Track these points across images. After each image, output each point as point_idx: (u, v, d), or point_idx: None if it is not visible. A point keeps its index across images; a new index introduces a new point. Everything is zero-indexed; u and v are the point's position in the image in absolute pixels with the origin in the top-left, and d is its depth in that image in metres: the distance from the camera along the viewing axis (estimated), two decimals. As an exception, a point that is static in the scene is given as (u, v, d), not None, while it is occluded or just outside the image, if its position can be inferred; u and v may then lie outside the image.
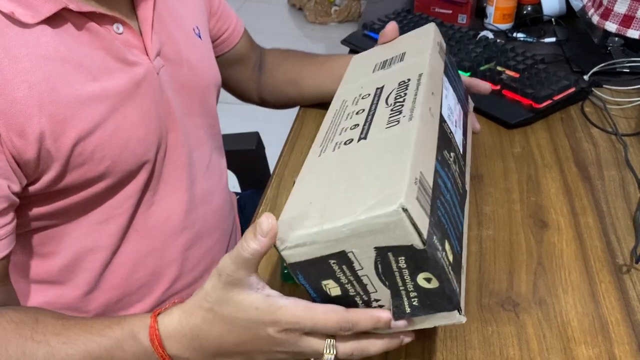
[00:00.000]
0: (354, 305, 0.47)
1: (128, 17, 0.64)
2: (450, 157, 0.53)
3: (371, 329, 0.47)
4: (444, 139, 0.53)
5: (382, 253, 0.43)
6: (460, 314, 0.45)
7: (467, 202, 0.56)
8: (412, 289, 0.45)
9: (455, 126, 0.59)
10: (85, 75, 0.58)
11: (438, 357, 0.55)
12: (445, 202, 0.48)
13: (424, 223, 0.42)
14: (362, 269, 0.44)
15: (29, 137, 0.55)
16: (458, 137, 0.59)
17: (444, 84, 0.60)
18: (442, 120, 0.55)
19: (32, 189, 0.59)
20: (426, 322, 0.47)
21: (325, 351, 0.47)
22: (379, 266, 0.44)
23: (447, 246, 0.45)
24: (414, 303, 0.45)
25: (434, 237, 0.43)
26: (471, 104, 0.74)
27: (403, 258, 0.42)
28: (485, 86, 0.79)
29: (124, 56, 0.62)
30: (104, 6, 0.60)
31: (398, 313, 0.46)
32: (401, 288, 0.45)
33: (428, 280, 0.44)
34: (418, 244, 0.41)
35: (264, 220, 0.44)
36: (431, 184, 0.46)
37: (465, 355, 0.55)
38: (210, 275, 0.48)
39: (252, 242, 0.44)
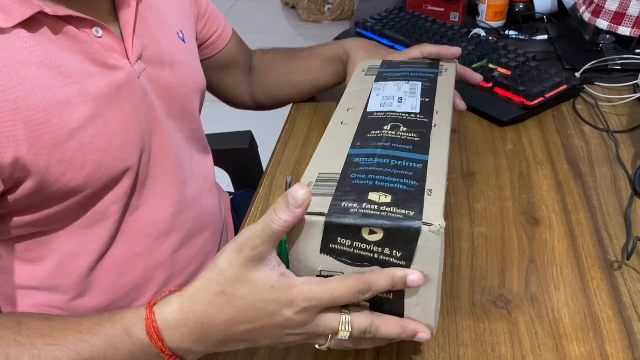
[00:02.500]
0: None
1: (108, 21, 0.63)
2: (384, 130, 0.57)
3: (389, 288, 0.46)
4: (368, 126, 0.58)
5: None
6: (427, 225, 0.44)
7: (444, 135, 0.57)
8: (376, 249, 0.46)
9: (400, 102, 0.63)
10: (63, 79, 0.57)
11: (431, 354, 0.55)
12: (370, 165, 0.51)
13: (321, 206, 0.45)
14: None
15: (2, 141, 0.53)
16: (406, 106, 0.62)
17: (372, 90, 0.66)
18: (367, 115, 0.61)
19: (11, 198, 0.57)
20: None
21: (340, 328, 0.46)
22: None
23: (372, 196, 0.47)
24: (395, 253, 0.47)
25: (342, 204, 0.46)
26: (451, 65, 0.75)
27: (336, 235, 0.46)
28: (476, 77, 0.80)
29: (104, 60, 0.61)
30: (81, 10, 0.59)
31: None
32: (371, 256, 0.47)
33: (372, 233, 0.45)
34: (321, 220, 0.45)
35: (299, 191, 0.43)
36: (339, 171, 0.51)
37: (457, 352, 0.55)
38: (222, 253, 0.46)
39: (283, 214, 0.43)
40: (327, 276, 0.48)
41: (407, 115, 0.60)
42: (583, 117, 0.89)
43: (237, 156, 1.12)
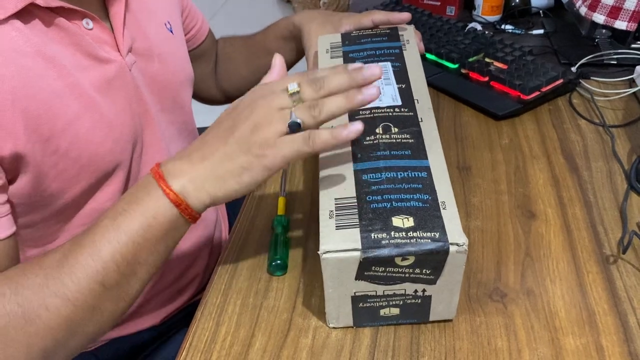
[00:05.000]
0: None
1: (98, 13, 0.62)
2: (377, 134, 0.59)
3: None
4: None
5: None
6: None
7: (432, 130, 0.59)
8: (407, 270, 0.51)
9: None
10: (58, 70, 0.57)
11: (427, 347, 0.55)
12: (380, 182, 0.54)
13: (353, 241, 0.49)
14: None
15: (2, 130, 0.53)
16: (387, 98, 0.63)
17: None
18: (354, 115, 0.61)
19: (11, 190, 0.57)
20: None
21: (289, 92, 0.50)
22: None
23: (396, 221, 0.50)
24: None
25: (372, 235, 0.49)
26: (409, 30, 0.76)
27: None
28: (402, 16, 0.77)
29: (95, 53, 0.60)
30: (73, 1, 0.58)
31: None
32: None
33: (405, 259, 0.49)
34: (356, 255, 0.49)
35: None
36: (354, 194, 0.53)
37: (453, 346, 0.55)
38: None
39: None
40: (361, 296, 0.53)
41: (392, 110, 0.61)
42: (579, 112, 0.89)
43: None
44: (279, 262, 0.63)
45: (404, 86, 0.64)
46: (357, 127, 0.49)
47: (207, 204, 0.51)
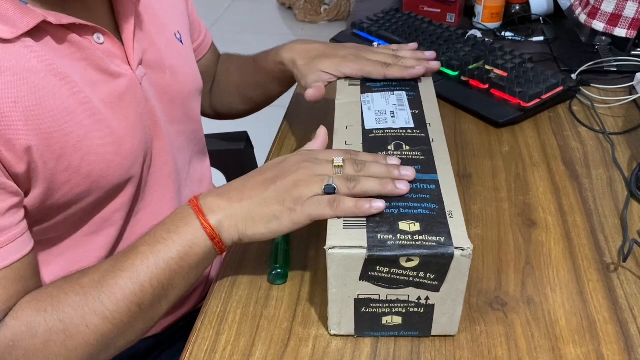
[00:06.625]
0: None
1: (108, 26, 0.63)
2: (389, 150, 0.61)
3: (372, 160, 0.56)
4: (373, 146, 0.62)
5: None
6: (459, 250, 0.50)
7: (443, 149, 0.61)
8: (411, 273, 0.51)
9: (393, 116, 0.66)
10: (70, 87, 0.57)
11: (427, 357, 0.55)
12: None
13: (359, 240, 0.50)
14: None
15: (17, 151, 0.53)
16: (400, 121, 0.65)
17: (362, 102, 0.70)
18: (367, 133, 0.64)
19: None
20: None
21: (334, 164, 0.55)
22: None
23: (402, 225, 0.51)
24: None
25: (379, 236, 0.50)
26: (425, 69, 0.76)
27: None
28: (431, 57, 0.77)
29: (106, 67, 0.61)
30: (83, 16, 0.59)
31: None
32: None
33: (409, 260, 0.50)
34: (362, 253, 0.49)
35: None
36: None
37: (454, 355, 0.55)
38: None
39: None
40: (364, 299, 0.52)
41: (404, 131, 0.64)
42: (579, 119, 0.89)
43: (233, 157, 1.11)
44: (279, 271, 0.63)
45: (417, 112, 0.67)
46: (379, 205, 0.52)
47: (235, 241, 0.56)
